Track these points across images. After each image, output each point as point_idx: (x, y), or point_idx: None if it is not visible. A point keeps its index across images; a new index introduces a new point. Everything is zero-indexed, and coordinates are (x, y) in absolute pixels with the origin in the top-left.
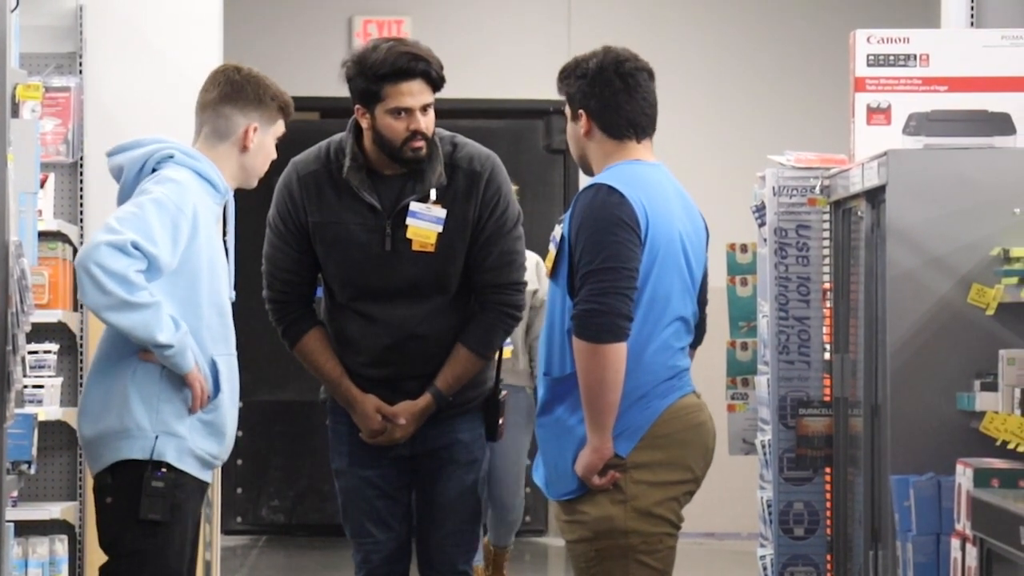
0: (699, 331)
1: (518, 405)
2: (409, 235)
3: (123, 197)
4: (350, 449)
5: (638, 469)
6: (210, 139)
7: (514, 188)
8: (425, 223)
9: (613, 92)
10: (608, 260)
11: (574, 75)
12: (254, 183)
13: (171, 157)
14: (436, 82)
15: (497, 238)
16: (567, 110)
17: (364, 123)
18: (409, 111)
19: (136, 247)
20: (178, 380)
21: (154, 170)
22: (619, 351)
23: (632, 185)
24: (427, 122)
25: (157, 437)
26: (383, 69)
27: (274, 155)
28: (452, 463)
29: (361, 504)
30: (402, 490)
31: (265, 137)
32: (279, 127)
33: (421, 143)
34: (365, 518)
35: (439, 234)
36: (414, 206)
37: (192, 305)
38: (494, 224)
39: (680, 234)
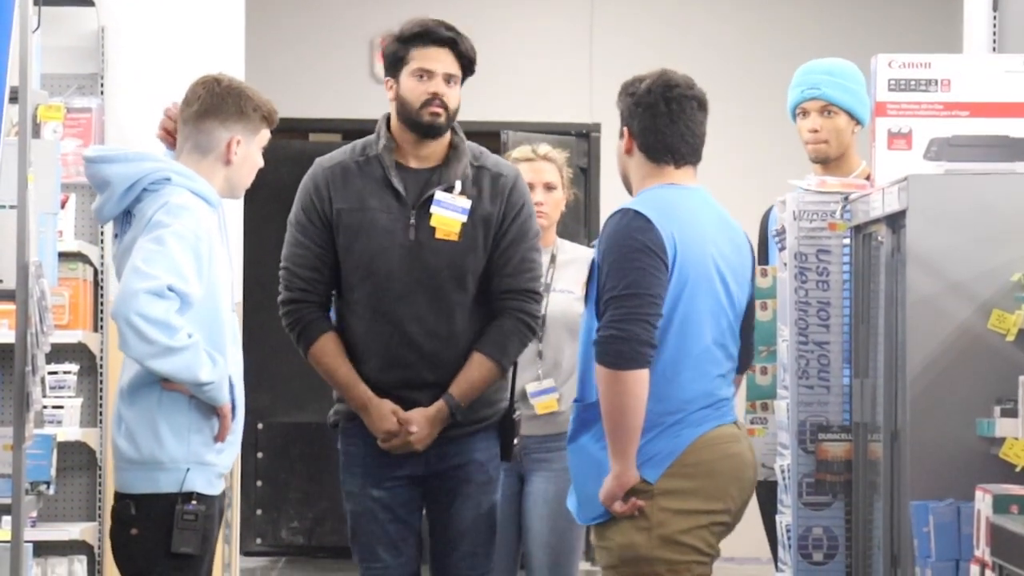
0: (743, 357)
1: None
2: (433, 223)
3: (107, 212)
4: (363, 470)
5: (665, 496)
6: (193, 154)
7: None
8: (450, 212)
9: (655, 116)
10: (631, 286)
11: (626, 92)
12: (240, 195)
13: (168, 180)
14: (463, 57)
15: (519, 242)
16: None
17: (390, 95)
18: (431, 74)
19: (171, 289)
20: (206, 408)
21: (144, 190)
22: (639, 378)
23: (660, 210)
24: (451, 94)
25: (188, 469)
26: (413, 30)
27: (260, 164)
28: (467, 483)
29: (372, 527)
30: (414, 514)
31: (249, 148)
32: (263, 136)
33: (439, 109)
34: (376, 542)
35: (463, 224)
36: (439, 195)
37: (216, 328)
38: (517, 228)
39: (714, 258)
